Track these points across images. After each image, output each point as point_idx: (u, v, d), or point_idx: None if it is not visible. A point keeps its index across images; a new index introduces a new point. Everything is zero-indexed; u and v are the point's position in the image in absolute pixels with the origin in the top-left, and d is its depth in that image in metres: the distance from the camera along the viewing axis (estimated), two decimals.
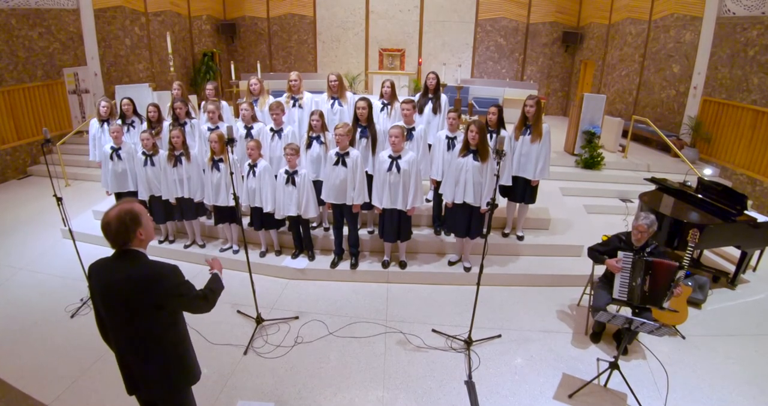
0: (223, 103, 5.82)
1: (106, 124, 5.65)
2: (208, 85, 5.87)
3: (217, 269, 2.61)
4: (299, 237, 5.22)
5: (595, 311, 3.76)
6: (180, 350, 2.29)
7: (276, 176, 4.85)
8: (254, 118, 5.34)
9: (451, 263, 5.16)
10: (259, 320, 4.24)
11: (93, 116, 5.99)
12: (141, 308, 2.09)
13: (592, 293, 4.15)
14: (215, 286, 2.43)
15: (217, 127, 5.25)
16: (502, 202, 5.38)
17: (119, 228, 2.07)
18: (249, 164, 4.84)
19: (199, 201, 5.22)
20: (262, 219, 5.05)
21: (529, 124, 5.01)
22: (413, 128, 5.02)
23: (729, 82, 7.69)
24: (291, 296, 4.78)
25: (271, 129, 5.19)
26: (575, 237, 5.57)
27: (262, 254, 5.32)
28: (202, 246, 5.50)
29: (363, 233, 5.51)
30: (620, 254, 3.87)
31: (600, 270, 4.28)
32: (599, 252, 4.05)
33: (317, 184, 4.95)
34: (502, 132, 4.88)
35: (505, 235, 5.57)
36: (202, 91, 6.92)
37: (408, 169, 4.52)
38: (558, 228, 5.77)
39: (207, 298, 2.29)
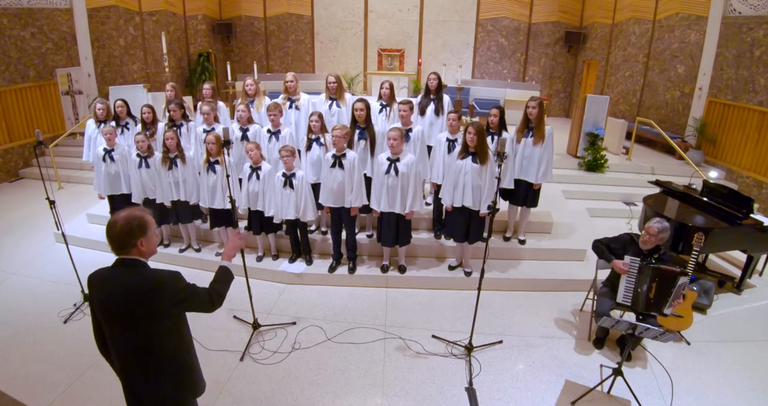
0: (221, 104, 5.74)
1: (103, 126, 5.58)
2: (205, 86, 5.81)
3: (229, 252, 2.52)
4: (297, 241, 5.14)
5: (599, 316, 3.69)
6: (185, 362, 2.21)
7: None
8: (250, 120, 5.25)
9: (451, 268, 5.08)
10: (255, 325, 4.17)
11: (88, 117, 5.91)
12: (141, 319, 2.03)
13: (595, 298, 4.09)
14: (220, 285, 2.32)
15: (213, 129, 5.17)
16: (503, 205, 5.31)
17: (123, 230, 2.01)
18: (251, 166, 4.76)
19: (195, 204, 5.14)
20: (262, 223, 4.97)
21: (532, 126, 4.93)
22: (410, 129, 4.95)
23: (735, 83, 7.61)
24: (288, 301, 4.72)
25: (269, 130, 5.12)
26: (578, 241, 5.49)
27: (259, 259, 5.25)
28: (198, 250, 5.42)
29: (362, 236, 5.43)
30: (627, 258, 3.81)
31: (603, 274, 4.22)
32: (608, 247, 3.98)
33: (318, 187, 4.86)
34: (504, 134, 4.81)
35: (506, 239, 5.50)
36: (198, 92, 6.84)
37: (407, 172, 4.44)
38: (560, 232, 5.70)
39: (212, 298, 2.22)
